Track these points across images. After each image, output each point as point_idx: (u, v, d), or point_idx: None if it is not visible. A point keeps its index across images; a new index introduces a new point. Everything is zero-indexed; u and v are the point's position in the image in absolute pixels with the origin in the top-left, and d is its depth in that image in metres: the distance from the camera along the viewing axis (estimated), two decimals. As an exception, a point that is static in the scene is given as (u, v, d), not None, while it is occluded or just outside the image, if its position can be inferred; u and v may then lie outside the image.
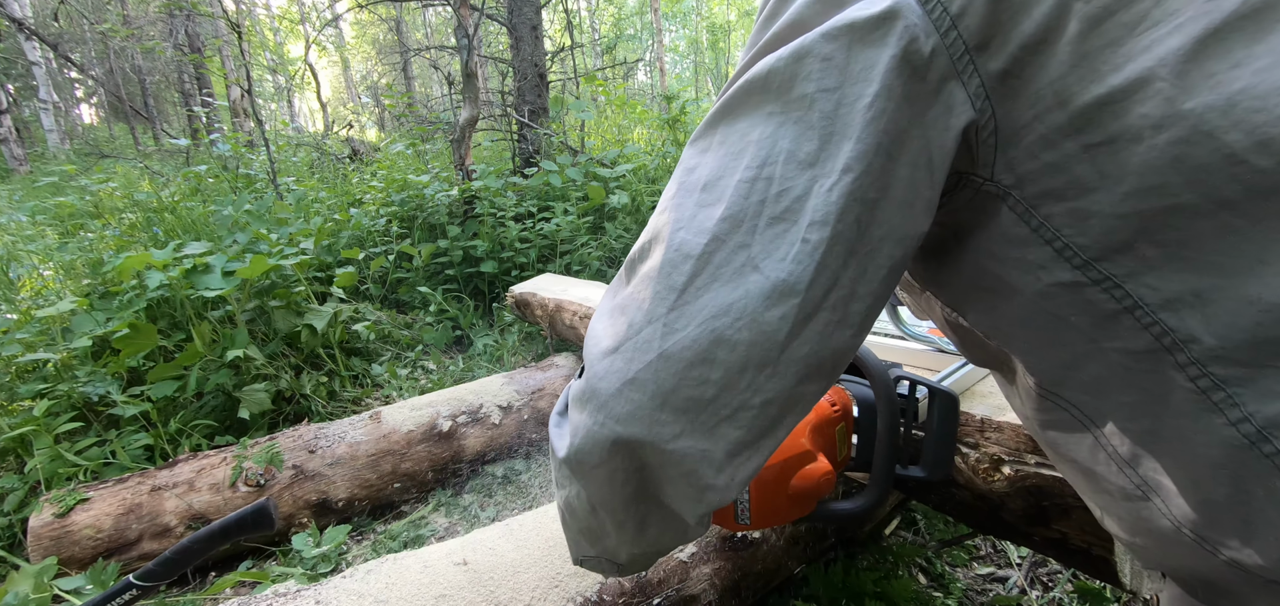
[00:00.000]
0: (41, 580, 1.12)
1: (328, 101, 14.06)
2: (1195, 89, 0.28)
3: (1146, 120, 0.30)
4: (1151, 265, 0.32)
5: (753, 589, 1.00)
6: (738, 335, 0.35)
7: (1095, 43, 0.31)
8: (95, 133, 12.94)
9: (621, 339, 0.38)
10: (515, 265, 2.82)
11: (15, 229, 3.75)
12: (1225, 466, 0.31)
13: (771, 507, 0.64)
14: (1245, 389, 0.30)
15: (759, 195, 0.35)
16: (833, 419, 0.71)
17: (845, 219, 0.34)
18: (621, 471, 0.39)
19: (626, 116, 5.67)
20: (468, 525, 1.43)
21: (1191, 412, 0.32)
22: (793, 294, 0.34)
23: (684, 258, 0.36)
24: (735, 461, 0.38)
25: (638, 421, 0.36)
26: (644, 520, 0.41)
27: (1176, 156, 0.29)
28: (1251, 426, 0.30)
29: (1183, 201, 0.30)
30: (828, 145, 0.34)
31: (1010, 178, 0.35)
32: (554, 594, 0.83)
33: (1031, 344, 0.39)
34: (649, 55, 13.92)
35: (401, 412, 1.56)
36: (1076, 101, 0.31)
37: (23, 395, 1.59)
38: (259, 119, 3.87)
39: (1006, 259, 0.37)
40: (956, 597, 1.09)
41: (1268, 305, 0.29)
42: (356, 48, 17.91)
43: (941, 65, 0.33)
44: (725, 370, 0.35)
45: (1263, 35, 0.28)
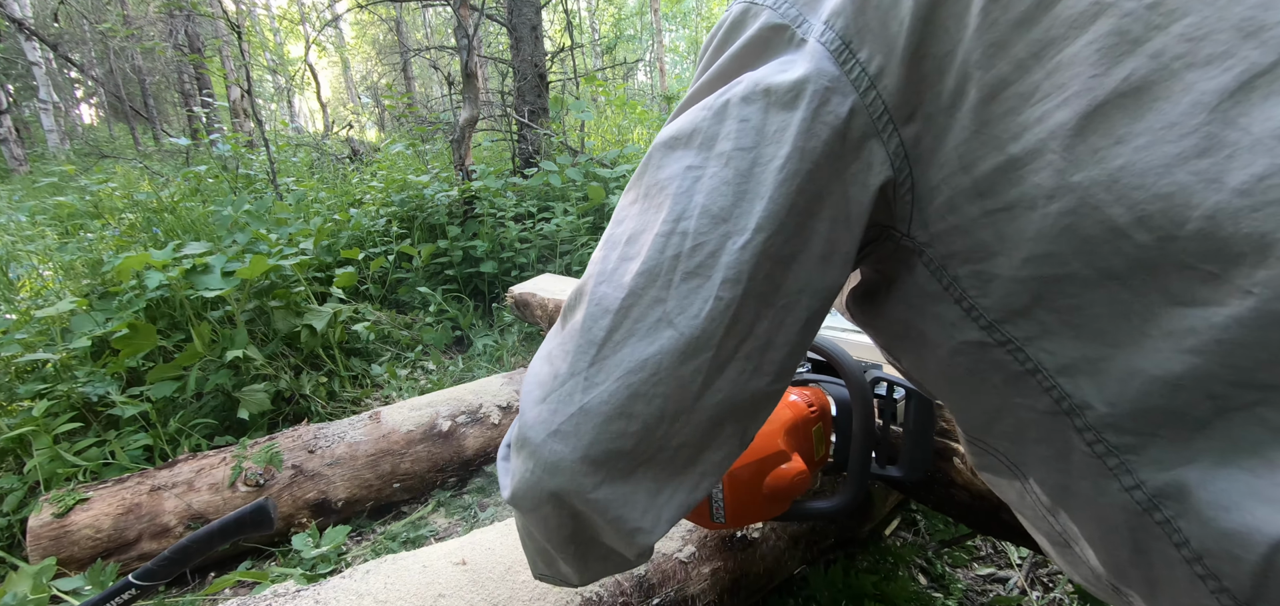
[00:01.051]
0: (40, 580, 1.12)
1: (328, 102, 14.06)
2: (1082, 162, 0.29)
3: (1040, 190, 0.31)
4: (1049, 330, 0.32)
5: (752, 589, 1.00)
6: (653, 390, 0.36)
7: (995, 111, 0.32)
8: (95, 133, 12.95)
9: (547, 390, 0.39)
10: (515, 265, 2.82)
11: (15, 229, 3.75)
12: (1124, 529, 0.32)
13: (746, 506, 0.65)
14: (1136, 456, 0.31)
15: (674, 250, 0.36)
16: (809, 419, 0.71)
17: (756, 276, 0.35)
18: (555, 516, 0.40)
19: (626, 117, 5.67)
20: (467, 525, 1.43)
21: (1091, 475, 0.33)
22: (705, 349, 0.35)
23: (603, 312, 0.37)
24: (658, 502, 0.39)
25: (561, 473, 0.37)
26: (585, 554, 0.42)
27: (1067, 226, 0.30)
28: (1143, 494, 0.31)
29: (1073, 271, 0.31)
30: (741, 203, 0.35)
31: (924, 235, 0.36)
32: (553, 593, 0.83)
33: (953, 395, 0.40)
34: (649, 55, 13.92)
35: (401, 413, 1.56)
36: (979, 168, 0.33)
37: (22, 395, 1.58)
38: (259, 119, 3.87)
39: (925, 313, 0.38)
40: (956, 598, 1.09)
41: (1149, 377, 0.29)
42: (356, 48, 17.91)
43: (862, 124, 0.34)
44: (642, 422, 0.36)
45: (1142, 113, 0.28)
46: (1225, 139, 0.26)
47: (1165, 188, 0.27)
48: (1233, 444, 0.28)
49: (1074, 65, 0.30)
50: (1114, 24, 0.29)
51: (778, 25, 0.37)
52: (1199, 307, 0.28)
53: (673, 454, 0.38)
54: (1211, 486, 0.29)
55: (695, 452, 0.39)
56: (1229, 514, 0.28)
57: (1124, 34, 0.29)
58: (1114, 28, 0.29)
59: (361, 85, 18.69)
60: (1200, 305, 0.28)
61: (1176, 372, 0.29)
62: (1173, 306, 0.29)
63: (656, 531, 0.39)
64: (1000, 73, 0.32)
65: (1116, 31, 0.29)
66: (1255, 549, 0.27)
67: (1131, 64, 0.29)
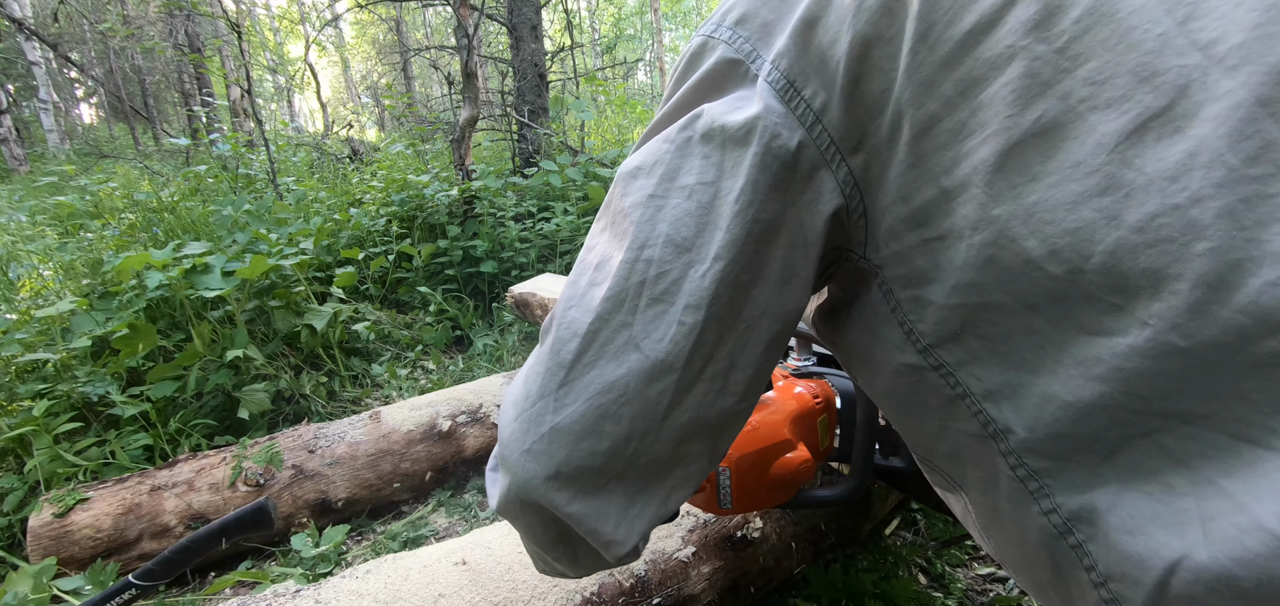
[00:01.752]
0: (41, 580, 1.12)
1: (328, 101, 14.06)
2: (1001, 197, 0.31)
3: (966, 221, 0.32)
4: (977, 356, 0.34)
5: (752, 589, 1.00)
6: (621, 410, 0.37)
7: (927, 146, 0.34)
8: (95, 133, 12.94)
9: (520, 409, 0.40)
10: (515, 265, 2.82)
11: (15, 229, 3.75)
12: (1044, 553, 0.33)
13: (752, 494, 0.66)
14: (1054, 481, 0.32)
15: (639, 277, 0.38)
16: (815, 411, 0.72)
17: (718, 302, 0.37)
18: (538, 524, 0.41)
19: (626, 116, 5.67)
20: (467, 525, 1.43)
21: (1015, 498, 0.34)
22: (671, 371, 0.37)
23: (572, 336, 0.39)
24: (629, 515, 0.40)
25: (535, 489, 0.39)
26: (574, 556, 0.44)
27: (989, 257, 0.32)
28: (1059, 518, 0.32)
29: (996, 300, 0.32)
30: (702, 233, 0.37)
31: (877, 257, 0.38)
32: (553, 593, 0.83)
33: (898, 416, 0.42)
34: (649, 55, 13.92)
35: (401, 412, 1.56)
36: (915, 199, 0.35)
37: (22, 395, 1.58)
38: (259, 119, 3.87)
39: (875, 333, 0.40)
40: (956, 597, 1.09)
41: (1063, 402, 0.31)
42: (356, 48, 17.91)
43: (811, 155, 0.37)
44: (611, 441, 0.38)
45: (1053, 152, 0.30)
46: (1123, 179, 0.28)
47: (1073, 223, 0.29)
48: (1136, 469, 0.29)
49: (994, 104, 0.31)
50: (1026, 66, 0.31)
51: (733, 59, 0.39)
52: (1105, 337, 0.29)
53: (642, 470, 0.39)
54: (1118, 510, 0.30)
55: (664, 468, 0.40)
56: (1132, 537, 0.29)
57: (1036, 76, 0.31)
58: (1027, 70, 0.31)
59: (361, 85, 18.69)
60: (1106, 335, 0.29)
61: (1086, 399, 0.30)
62: (1082, 335, 0.30)
63: (630, 541, 0.40)
64: (930, 110, 0.33)
65: (1029, 74, 0.31)
66: (1151, 572, 0.28)
67: (1043, 105, 0.30)
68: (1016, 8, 0.31)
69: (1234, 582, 0.25)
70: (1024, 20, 0.31)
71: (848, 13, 0.36)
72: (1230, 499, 0.26)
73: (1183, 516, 0.28)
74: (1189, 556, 0.27)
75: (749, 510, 0.68)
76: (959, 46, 0.33)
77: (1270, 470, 0.25)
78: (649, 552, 0.92)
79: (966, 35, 0.32)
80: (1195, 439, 0.28)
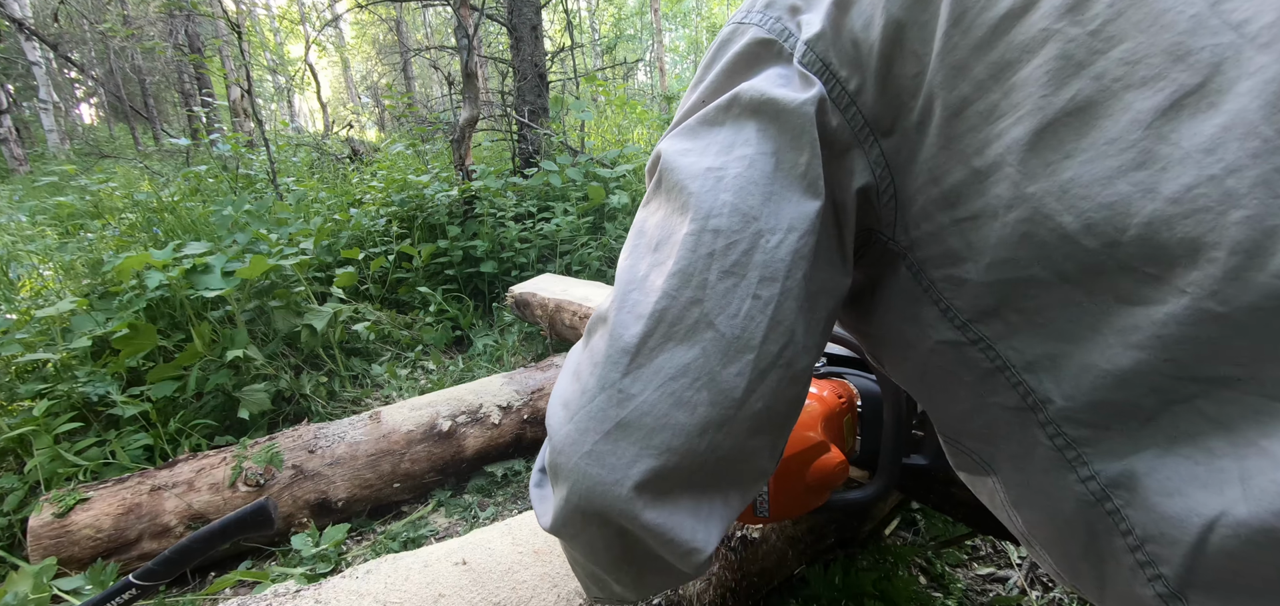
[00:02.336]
0: (41, 580, 1.12)
1: (328, 101, 14.05)
2: (1035, 175, 0.32)
3: (1000, 200, 0.33)
4: (1016, 329, 0.34)
5: (752, 589, 1.00)
6: (696, 396, 0.34)
7: (958, 128, 0.34)
8: (95, 133, 12.95)
9: (576, 409, 0.37)
10: (515, 265, 2.82)
11: (15, 229, 3.75)
12: (1079, 520, 0.34)
13: (789, 499, 0.64)
14: (1092, 448, 0.33)
15: (707, 247, 0.35)
16: (840, 410, 0.70)
17: (794, 274, 0.35)
18: (602, 541, 0.38)
19: (626, 116, 5.67)
20: (467, 525, 1.43)
21: (1051, 468, 0.35)
22: (748, 349, 0.35)
23: (636, 319, 0.36)
24: (704, 518, 0.37)
25: (602, 498, 0.35)
26: (640, 575, 0.41)
27: (1024, 233, 0.33)
28: (1097, 484, 0.33)
29: (1033, 274, 0.33)
30: (769, 203, 0.35)
31: (906, 239, 0.38)
32: (552, 593, 0.83)
33: (931, 395, 0.42)
34: (649, 55, 13.92)
35: (401, 412, 1.56)
36: (947, 180, 0.35)
37: (22, 395, 1.58)
38: (259, 119, 3.87)
39: (906, 314, 0.40)
40: (956, 597, 1.09)
41: (1102, 372, 0.31)
42: (356, 48, 17.91)
43: (845, 135, 0.37)
44: (686, 435, 0.34)
45: (1087, 130, 0.31)
46: (1159, 153, 0.29)
47: (1108, 197, 0.30)
48: (1176, 434, 0.30)
49: (1027, 86, 0.32)
50: (1061, 48, 0.31)
51: (765, 40, 0.39)
52: (1142, 306, 0.30)
53: (714, 468, 0.36)
54: (1157, 474, 0.31)
55: (734, 465, 0.37)
56: (1171, 499, 0.30)
57: (1069, 58, 0.31)
58: (1061, 52, 0.31)
59: (361, 85, 18.69)
60: (1143, 304, 0.30)
61: (1125, 367, 0.31)
62: (1120, 305, 0.31)
63: (710, 545, 0.38)
64: (962, 93, 0.34)
65: (1063, 55, 0.31)
66: (1190, 529, 0.29)
67: (1077, 85, 0.31)
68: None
69: (1272, 532, 0.26)
70: (1057, 5, 0.32)
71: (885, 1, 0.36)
72: (1269, 456, 0.27)
73: (1222, 477, 0.28)
74: (1228, 513, 0.27)
75: (786, 517, 0.65)
76: (992, 30, 0.33)
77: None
78: (649, 552, 0.92)
79: (1001, 20, 0.33)
80: (1234, 402, 0.28)
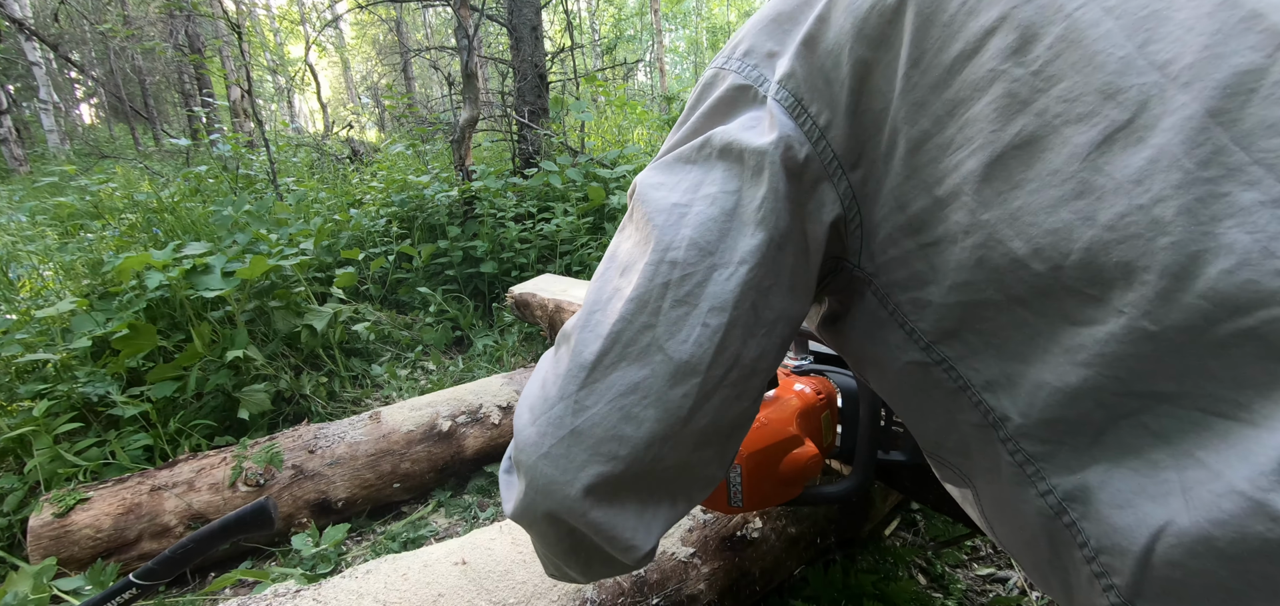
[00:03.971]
0: (41, 580, 1.12)
1: (328, 102, 14.05)
2: (989, 203, 0.34)
3: (959, 226, 0.36)
4: (975, 350, 0.37)
5: (752, 589, 1.00)
6: (643, 413, 0.38)
7: (921, 160, 0.37)
8: (95, 133, 12.94)
9: (538, 412, 0.40)
10: (515, 266, 2.82)
11: (15, 229, 3.75)
12: (1042, 533, 0.36)
13: (762, 490, 0.67)
14: (1048, 463, 0.35)
15: (663, 278, 0.38)
16: (819, 407, 0.72)
17: (742, 305, 0.38)
18: (553, 533, 0.41)
19: (626, 117, 5.67)
20: (467, 525, 1.43)
21: (1014, 483, 0.37)
22: (695, 373, 0.38)
23: (595, 337, 0.39)
24: (645, 519, 0.41)
25: (553, 497, 0.39)
26: (587, 563, 0.44)
27: (980, 257, 0.35)
28: (1054, 498, 0.35)
29: (988, 296, 0.35)
30: (726, 239, 0.39)
31: (872, 266, 0.41)
32: (552, 593, 0.83)
33: (907, 412, 0.44)
34: (649, 56, 13.92)
35: (401, 413, 1.56)
36: (911, 208, 0.38)
37: (22, 395, 1.58)
38: (259, 119, 3.87)
39: (876, 337, 0.42)
40: (956, 598, 1.09)
41: (1053, 389, 0.34)
42: (356, 48, 17.91)
43: (815, 169, 0.40)
44: (632, 446, 0.38)
45: (1032, 162, 0.33)
46: (1095, 183, 0.32)
47: (1053, 224, 0.32)
48: (1122, 447, 0.32)
49: (978, 121, 0.35)
50: (1006, 87, 0.34)
51: (742, 86, 0.42)
52: (1087, 326, 0.32)
53: (659, 476, 0.40)
54: (1108, 487, 0.33)
55: (680, 473, 0.41)
56: (1121, 511, 0.32)
57: (1015, 96, 0.34)
58: (1007, 90, 0.34)
59: (361, 85, 18.69)
60: (1088, 324, 0.32)
61: (1073, 384, 0.33)
62: (1068, 325, 0.33)
63: (646, 546, 0.41)
64: (923, 127, 0.37)
65: (1009, 93, 0.34)
66: (1138, 541, 0.30)
67: (1022, 121, 0.34)
68: (996, 36, 0.35)
69: (1212, 542, 0.28)
70: (1002, 47, 0.35)
71: (848, 38, 0.39)
72: (1206, 468, 0.29)
73: (1165, 487, 0.30)
74: (1172, 523, 0.29)
75: (759, 507, 0.68)
76: (947, 71, 0.36)
77: (1239, 439, 0.28)
78: (649, 553, 0.92)
79: (954, 61, 0.36)
80: (1172, 416, 0.30)
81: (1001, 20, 0.35)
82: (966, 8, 0.36)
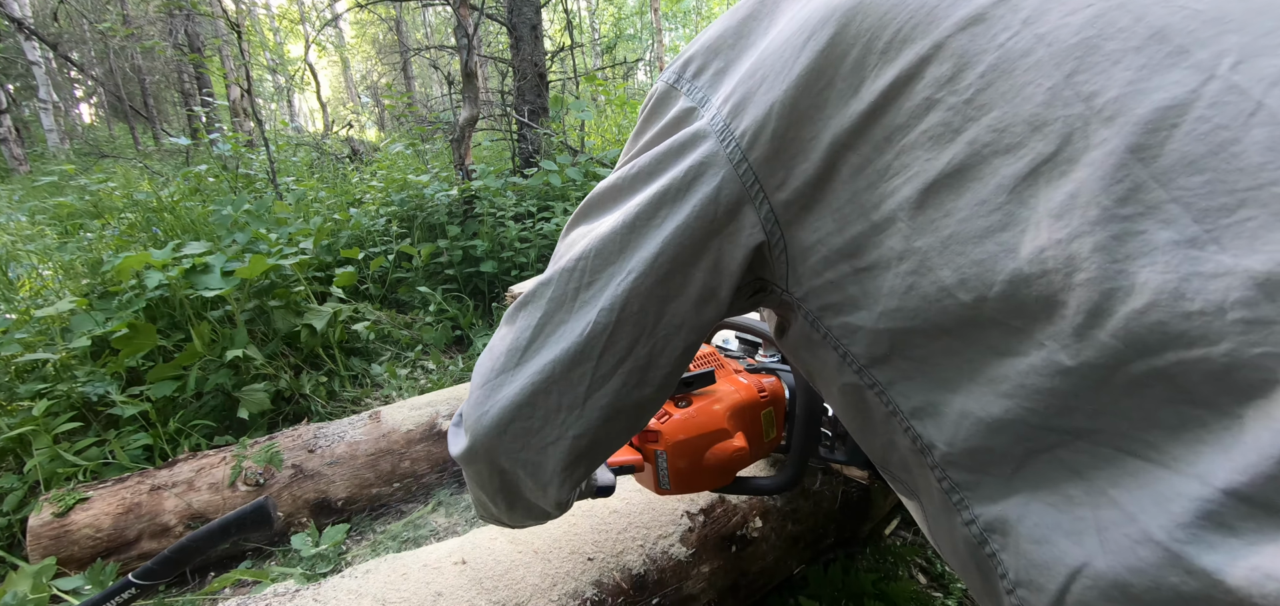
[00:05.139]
0: (40, 580, 1.12)
1: (327, 101, 14.04)
2: (921, 230, 0.35)
3: (893, 251, 0.36)
4: (905, 375, 0.37)
5: (751, 589, 1.01)
6: (550, 387, 0.44)
7: (861, 184, 0.37)
8: (95, 132, 12.94)
9: (483, 379, 0.47)
10: (515, 265, 2.82)
11: (15, 229, 3.75)
12: (970, 560, 0.37)
13: (687, 477, 0.72)
14: (972, 493, 0.35)
15: (577, 280, 0.44)
16: (759, 404, 0.77)
17: (629, 307, 0.42)
18: (486, 472, 0.49)
19: (626, 116, 5.67)
20: (467, 525, 1.43)
21: (943, 509, 0.38)
22: (587, 360, 0.43)
23: (527, 326, 0.46)
24: (563, 473, 0.47)
25: (489, 445, 0.47)
26: (512, 503, 0.52)
27: (910, 285, 0.35)
28: (977, 528, 0.35)
29: (918, 324, 0.36)
30: (625, 250, 0.43)
31: (800, 291, 0.41)
32: (552, 592, 0.83)
33: (852, 428, 0.46)
34: (649, 55, 13.90)
35: (401, 412, 1.56)
36: (850, 230, 0.38)
37: (22, 395, 1.58)
38: (259, 119, 3.87)
39: (814, 356, 0.44)
40: (956, 597, 1.09)
41: (976, 419, 0.34)
42: (356, 48, 17.91)
43: (734, 192, 0.40)
44: (544, 413, 0.45)
45: (963, 191, 0.33)
46: (1019, 216, 0.32)
47: (979, 255, 0.33)
48: (1041, 481, 0.32)
49: (914, 149, 0.35)
50: (941, 116, 0.34)
51: (688, 108, 0.44)
52: (1010, 357, 0.32)
53: (571, 442, 0.45)
54: (1027, 521, 0.33)
55: (591, 442, 0.46)
56: (1039, 547, 0.32)
57: (948, 124, 0.34)
58: (941, 119, 0.34)
59: (361, 85, 18.69)
60: (1010, 355, 0.32)
61: (996, 415, 0.33)
62: (992, 356, 0.33)
63: (566, 492, 0.49)
64: (863, 153, 0.37)
65: (943, 122, 0.34)
66: (1056, 578, 0.31)
67: (953, 150, 0.34)
68: (932, 65, 0.35)
69: (1128, 589, 0.28)
70: (938, 76, 0.35)
71: (784, 65, 0.39)
72: (1120, 508, 0.29)
73: (1081, 524, 0.30)
74: (1089, 564, 0.29)
75: (686, 491, 0.74)
76: (883, 97, 0.36)
77: (1151, 481, 0.28)
78: (648, 553, 0.92)
79: (889, 87, 0.36)
80: (1087, 452, 0.31)
81: (937, 48, 0.35)
82: (902, 36, 0.36)
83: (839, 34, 0.37)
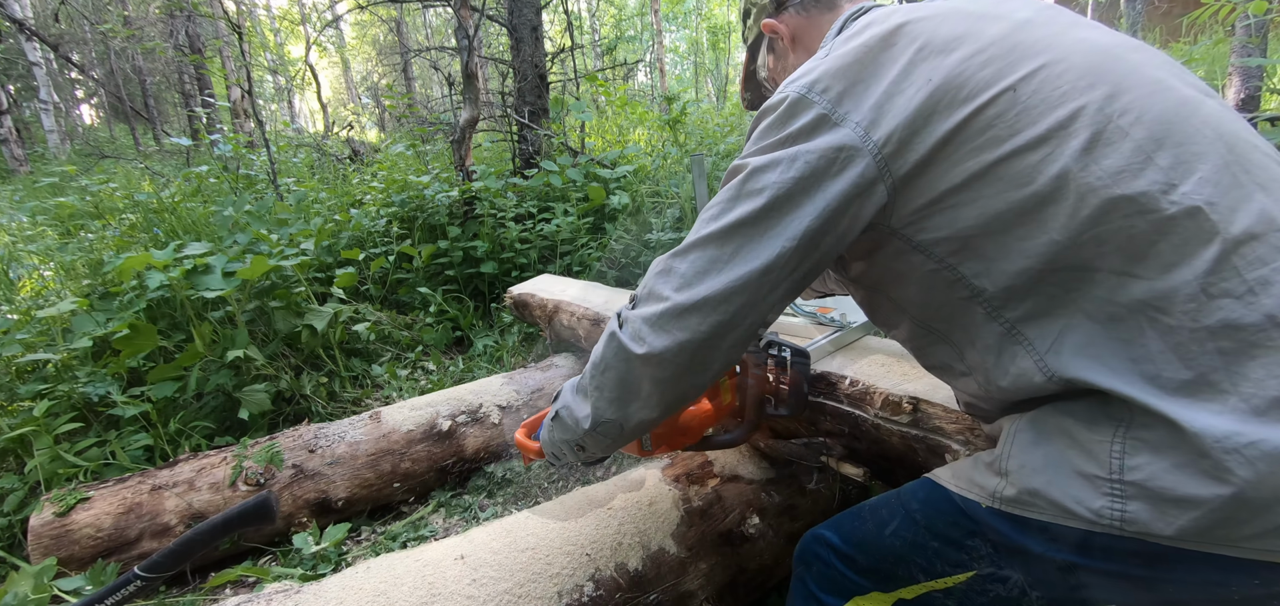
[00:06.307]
0: (41, 580, 1.13)
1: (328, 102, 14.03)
2: (980, 186, 0.60)
3: (963, 198, 0.60)
4: (970, 258, 0.61)
5: (749, 588, 1.01)
6: (740, 292, 0.64)
7: (947, 166, 0.60)
8: (95, 133, 12.95)
9: (684, 283, 0.66)
10: (515, 266, 2.83)
11: (16, 229, 3.76)
12: (994, 348, 0.61)
13: (665, 437, 0.87)
14: (1010, 310, 0.59)
15: (766, 215, 0.64)
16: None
17: (805, 240, 0.63)
18: (670, 361, 0.66)
19: (627, 117, 5.67)
20: (467, 524, 1.43)
21: (984, 320, 0.62)
22: (777, 270, 0.64)
23: (709, 241, 0.65)
24: (729, 351, 0.68)
25: (626, 356, 0.68)
26: (625, 403, 0.71)
27: (980, 212, 0.60)
28: (1005, 323, 0.61)
29: (977, 231, 0.60)
30: (805, 201, 0.63)
31: (898, 223, 0.64)
32: (550, 588, 0.83)
33: (919, 299, 0.68)
34: (649, 56, 13.91)
35: (401, 412, 1.57)
36: (939, 187, 0.61)
37: (23, 395, 1.59)
38: (259, 119, 3.88)
39: (902, 260, 0.66)
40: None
41: (1015, 269, 0.58)
42: (357, 48, 17.92)
43: (871, 173, 0.62)
44: (740, 306, 0.64)
45: (1005, 171, 0.59)
46: (1033, 174, 0.57)
47: (1012, 197, 0.58)
48: (1051, 301, 0.59)
49: (978, 151, 0.59)
50: (993, 132, 0.58)
51: (824, 115, 0.63)
52: (1028, 241, 0.57)
53: (735, 338, 0.66)
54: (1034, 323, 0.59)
55: (736, 334, 0.66)
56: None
57: (997, 137, 0.58)
58: (993, 133, 0.58)
59: (362, 85, 18.70)
60: (1029, 239, 0.57)
61: (1021, 267, 0.58)
62: (1016, 240, 0.58)
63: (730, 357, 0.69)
64: (948, 152, 0.60)
65: (994, 135, 0.58)
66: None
67: (998, 151, 0.58)
68: (989, 108, 0.59)
69: None
70: (991, 114, 0.58)
71: (908, 100, 0.61)
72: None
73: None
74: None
75: (665, 451, 0.89)
76: (960, 123, 0.59)
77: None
78: (647, 552, 0.93)
79: (964, 118, 0.59)
80: (1071, 283, 0.57)
81: (991, 99, 0.59)
82: (969, 92, 0.60)
83: (941, 85, 0.60)
